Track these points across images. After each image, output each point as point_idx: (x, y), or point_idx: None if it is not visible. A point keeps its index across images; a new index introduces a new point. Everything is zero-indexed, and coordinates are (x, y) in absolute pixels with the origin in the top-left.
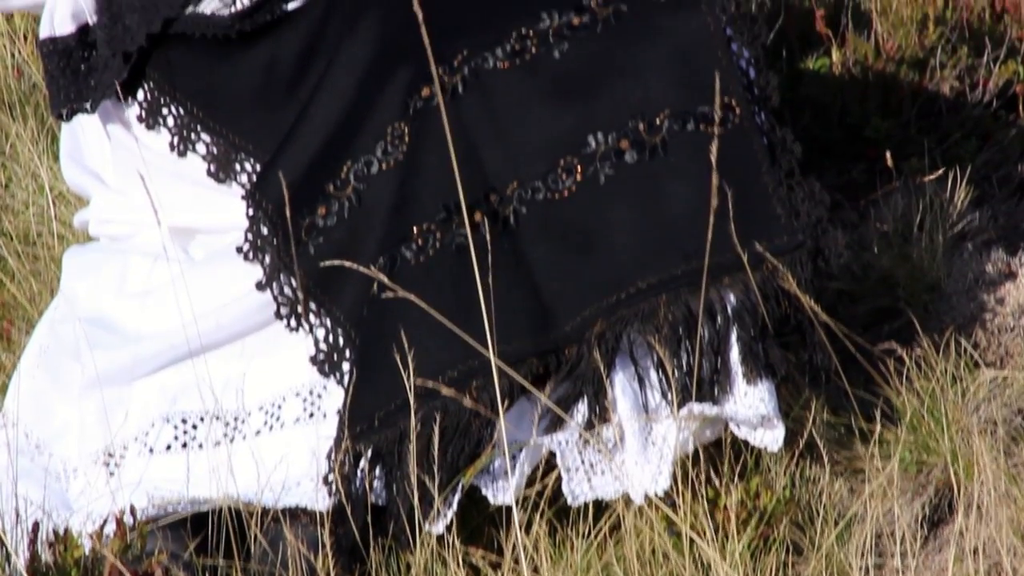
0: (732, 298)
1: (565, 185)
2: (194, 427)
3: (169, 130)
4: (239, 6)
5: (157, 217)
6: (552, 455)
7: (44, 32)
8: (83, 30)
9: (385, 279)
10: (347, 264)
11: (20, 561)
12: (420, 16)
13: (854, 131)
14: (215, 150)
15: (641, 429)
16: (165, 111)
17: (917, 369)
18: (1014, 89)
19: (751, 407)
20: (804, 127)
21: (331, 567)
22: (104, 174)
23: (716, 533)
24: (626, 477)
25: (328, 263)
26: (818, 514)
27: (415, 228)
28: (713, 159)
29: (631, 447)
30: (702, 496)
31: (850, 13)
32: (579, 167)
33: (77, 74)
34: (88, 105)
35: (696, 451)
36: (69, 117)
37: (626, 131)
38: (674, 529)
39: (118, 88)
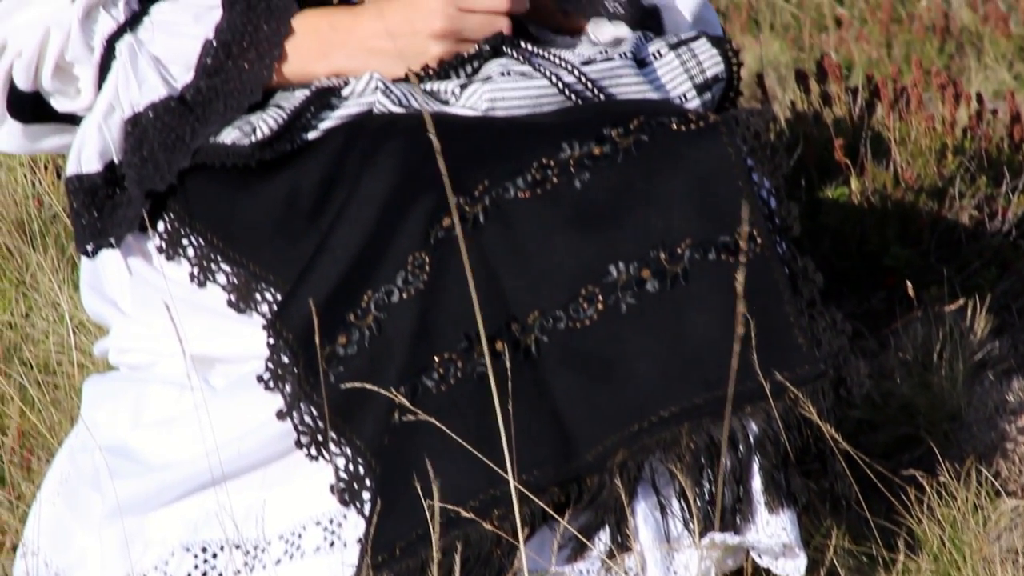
0: (754, 427)
1: (586, 314)
2: (214, 556)
3: (189, 261)
4: (259, 136)
5: (179, 347)
6: None
7: (71, 169)
8: (109, 167)
9: (407, 403)
10: (369, 387)
11: None
12: (438, 147)
13: (873, 260)
14: (235, 280)
15: (663, 558)
16: (185, 242)
17: (938, 498)
18: None
19: (773, 536)
20: (823, 256)
21: None
22: (124, 303)
23: None
24: None
25: (350, 385)
26: None
27: (436, 357)
28: (739, 288)
29: None
30: None
31: (869, 142)
32: (600, 296)
33: (102, 211)
34: (113, 240)
35: None
36: (95, 253)
37: (647, 260)
38: None
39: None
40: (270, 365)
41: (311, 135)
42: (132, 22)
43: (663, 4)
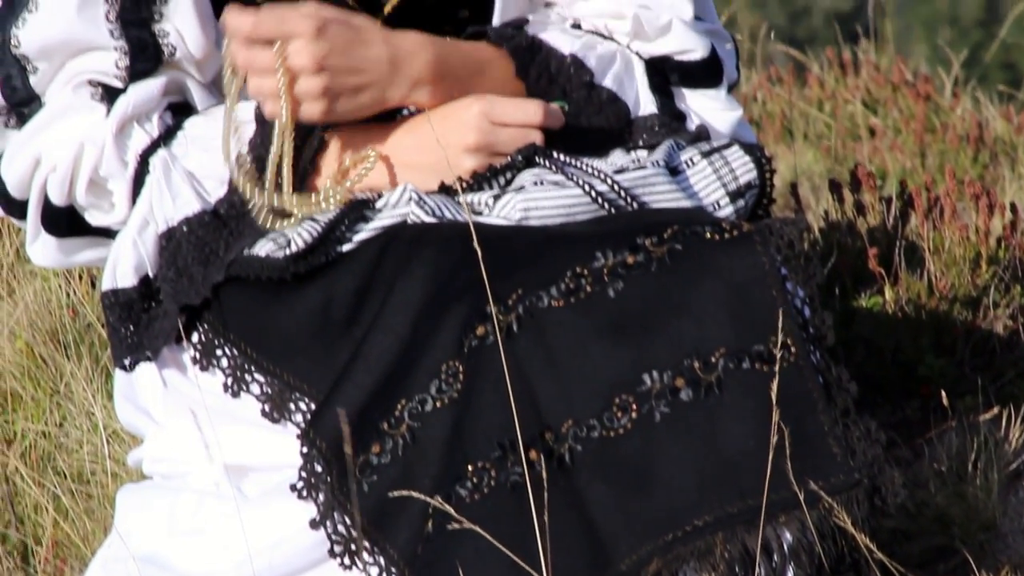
0: (788, 536)
1: (620, 423)
2: None
3: (223, 371)
4: (294, 248)
5: (212, 456)
6: None
7: (107, 284)
8: (144, 282)
9: (444, 508)
10: (405, 493)
11: None
12: (476, 254)
13: (908, 369)
14: (269, 390)
15: None
16: (219, 352)
17: None
18: None
19: None
20: (857, 365)
21: None
22: (157, 413)
23: None
24: None
25: (394, 494)
26: None
27: (470, 466)
28: (773, 396)
29: None
30: None
31: (903, 252)
32: (634, 405)
33: (139, 325)
34: (149, 354)
35: None
36: (132, 367)
37: (681, 369)
38: None
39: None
40: (303, 474)
41: (345, 247)
42: (166, 137)
43: (701, 126)
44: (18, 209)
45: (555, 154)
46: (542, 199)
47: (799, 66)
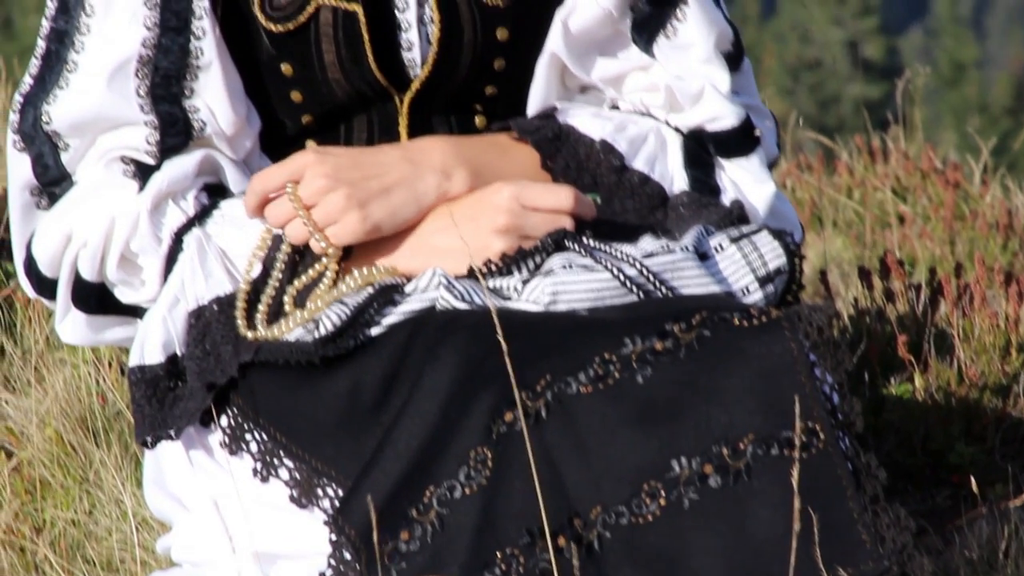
0: None
1: (649, 510)
2: None
3: (252, 456)
4: (322, 332)
5: (240, 543)
6: None
7: (133, 360)
8: (171, 360)
9: None
10: None
11: None
12: (505, 340)
13: (938, 457)
14: (297, 476)
15: None
16: (248, 437)
17: None
18: None
19: None
20: (887, 452)
21: None
22: (186, 499)
23: None
24: None
25: None
26: None
27: (499, 553)
28: (794, 483)
29: None
30: None
31: (932, 339)
32: (663, 492)
33: (163, 403)
34: (172, 432)
35: None
36: (153, 444)
37: (710, 456)
38: None
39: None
40: (332, 562)
41: (374, 331)
42: (201, 215)
43: (736, 201)
44: (49, 289)
45: (584, 238)
46: (571, 284)
47: (828, 153)
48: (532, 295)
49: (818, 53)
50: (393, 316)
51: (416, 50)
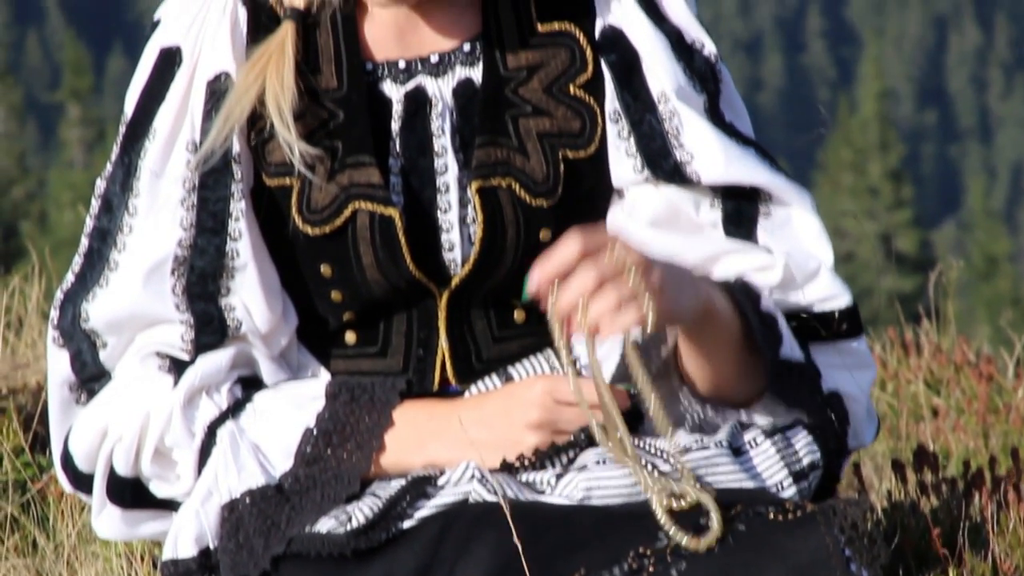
0: None
1: None
2: None
3: None
4: (354, 524)
5: None
6: None
7: (167, 554)
8: (204, 553)
9: None
10: None
11: None
12: (537, 535)
13: None
14: None
15: None
16: None
17: None
18: None
19: None
20: None
21: None
22: None
23: None
24: None
25: None
26: None
27: None
28: None
29: None
30: None
31: (967, 533)
32: None
33: None
34: None
35: None
36: None
37: None
38: None
39: None
40: None
41: (406, 524)
42: (234, 409)
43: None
44: (85, 483)
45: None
46: (605, 479)
47: None
48: (566, 490)
49: (851, 246)
50: (426, 509)
51: (457, 250)
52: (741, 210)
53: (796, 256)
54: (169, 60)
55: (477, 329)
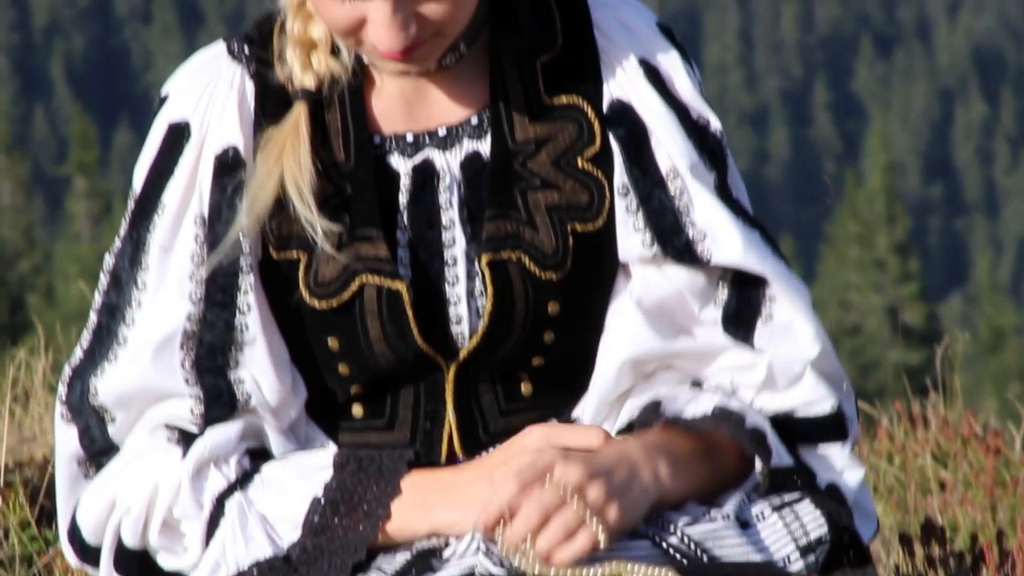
0: None
1: None
2: None
3: None
4: None
5: None
6: None
7: None
8: None
9: None
10: None
11: None
12: None
13: None
14: None
15: None
16: None
17: None
18: None
19: None
20: None
21: None
22: None
23: None
24: None
25: None
26: None
27: None
28: None
29: None
30: None
31: None
32: None
33: None
34: None
35: None
36: None
37: None
38: None
39: None
40: None
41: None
42: (242, 480)
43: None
44: (92, 556)
45: None
46: (612, 552)
47: (869, 419)
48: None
49: (858, 319)
50: None
51: (465, 323)
52: (741, 309)
53: (783, 360)
54: (177, 135)
55: (484, 402)
